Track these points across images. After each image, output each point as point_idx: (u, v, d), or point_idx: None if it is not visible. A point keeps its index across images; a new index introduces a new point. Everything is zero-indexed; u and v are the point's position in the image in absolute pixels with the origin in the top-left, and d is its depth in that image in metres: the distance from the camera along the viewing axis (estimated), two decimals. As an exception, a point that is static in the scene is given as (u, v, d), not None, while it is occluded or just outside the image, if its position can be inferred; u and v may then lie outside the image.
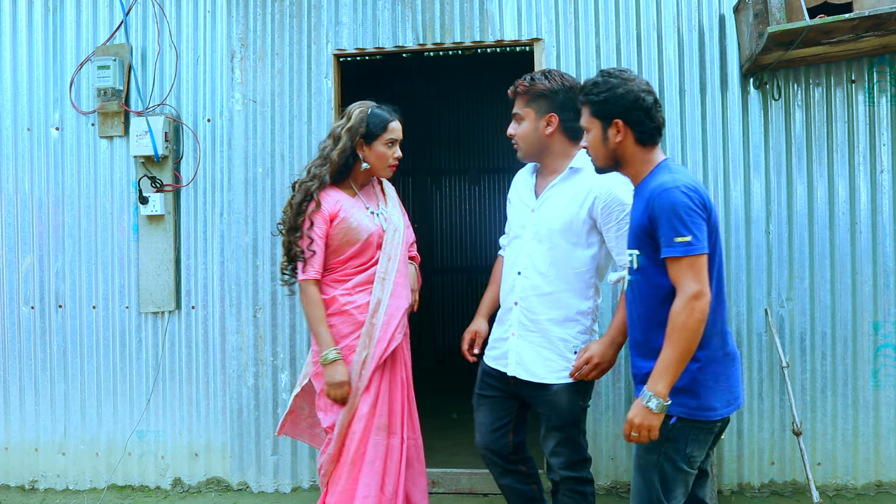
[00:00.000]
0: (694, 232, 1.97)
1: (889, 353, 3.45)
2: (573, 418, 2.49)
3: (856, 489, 3.47)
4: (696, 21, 3.55)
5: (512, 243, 2.62)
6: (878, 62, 3.48)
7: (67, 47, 3.89)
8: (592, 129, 2.18)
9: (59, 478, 3.86)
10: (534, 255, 2.50)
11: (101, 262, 3.85)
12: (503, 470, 2.65)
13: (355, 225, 2.60)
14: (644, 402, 1.98)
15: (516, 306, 2.53)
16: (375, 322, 2.60)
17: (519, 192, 2.66)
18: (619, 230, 2.40)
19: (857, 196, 3.48)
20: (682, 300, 1.97)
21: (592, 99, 2.15)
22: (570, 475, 2.50)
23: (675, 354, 1.96)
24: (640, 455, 2.13)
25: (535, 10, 3.62)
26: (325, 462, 2.64)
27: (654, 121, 2.14)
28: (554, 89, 2.48)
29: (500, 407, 2.62)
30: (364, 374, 2.59)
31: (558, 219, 2.47)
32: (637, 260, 2.14)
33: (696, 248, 1.97)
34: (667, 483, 2.08)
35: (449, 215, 8.06)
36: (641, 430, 2.00)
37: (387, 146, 2.66)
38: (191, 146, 3.81)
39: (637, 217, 2.12)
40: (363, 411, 2.59)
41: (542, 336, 2.49)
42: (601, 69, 2.24)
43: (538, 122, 2.49)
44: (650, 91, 2.15)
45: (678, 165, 2.19)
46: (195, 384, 3.78)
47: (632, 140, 2.14)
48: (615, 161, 2.18)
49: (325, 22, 3.74)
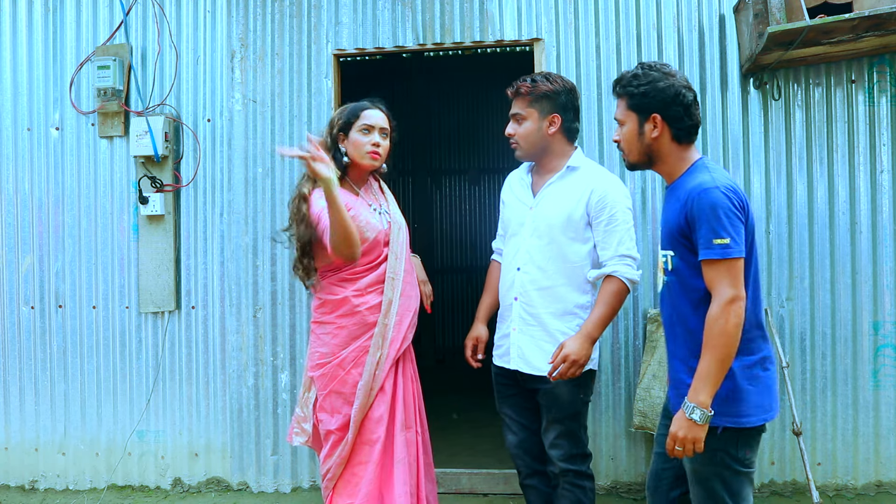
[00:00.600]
0: (732, 234, 1.91)
1: (889, 353, 3.45)
2: (573, 411, 2.53)
3: (856, 489, 3.47)
4: (696, 21, 3.55)
5: (510, 241, 2.66)
6: (878, 62, 3.48)
7: (67, 47, 3.89)
8: (628, 122, 2.12)
9: (59, 478, 3.86)
10: (532, 250, 2.56)
11: (101, 262, 3.85)
12: (532, 471, 2.68)
13: (364, 224, 2.54)
14: (687, 414, 1.92)
15: (516, 301, 2.58)
16: (388, 322, 2.57)
17: (514, 192, 2.70)
18: (608, 225, 2.48)
19: (857, 196, 3.48)
20: (718, 305, 1.91)
21: (631, 91, 2.09)
22: (569, 468, 2.52)
23: (715, 362, 1.90)
24: (695, 469, 2.04)
25: (535, 10, 3.62)
26: (333, 465, 2.57)
27: (693, 118, 2.08)
28: (557, 91, 2.55)
29: (527, 408, 2.65)
30: (378, 374, 2.55)
31: (557, 215, 2.53)
32: (671, 261, 2.08)
33: (734, 251, 1.91)
34: (731, 488, 2.01)
35: (449, 215, 8.05)
36: (686, 444, 1.93)
37: (362, 133, 2.58)
38: (191, 146, 3.81)
39: (672, 217, 2.06)
40: (379, 413, 2.55)
41: (542, 329, 2.54)
42: (640, 62, 2.20)
43: (541, 122, 2.55)
44: (690, 88, 2.09)
45: (715, 164, 2.11)
46: (195, 384, 3.78)
47: (668, 136, 2.08)
48: (649, 157, 2.12)
49: (325, 22, 3.74)
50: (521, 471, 2.70)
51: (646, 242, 3.51)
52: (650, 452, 3.54)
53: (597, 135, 3.57)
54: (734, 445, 1.99)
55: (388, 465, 2.55)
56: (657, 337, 3.38)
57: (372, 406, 2.55)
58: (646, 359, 3.39)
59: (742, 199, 1.97)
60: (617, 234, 2.48)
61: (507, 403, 2.70)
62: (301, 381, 3.70)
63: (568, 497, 2.53)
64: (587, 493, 2.54)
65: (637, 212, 3.52)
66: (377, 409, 2.55)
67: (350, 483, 2.55)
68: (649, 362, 3.37)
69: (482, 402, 4.77)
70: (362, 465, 2.54)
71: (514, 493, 3.62)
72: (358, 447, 2.56)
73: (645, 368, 3.37)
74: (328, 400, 2.58)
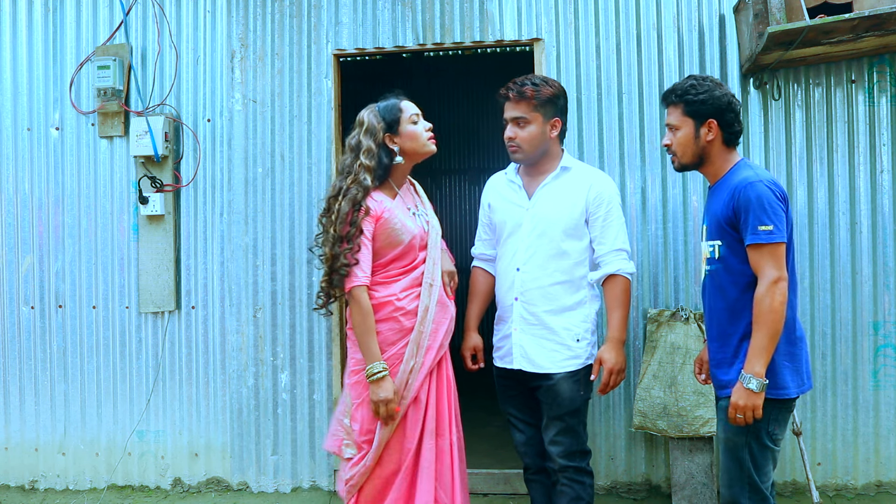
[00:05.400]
0: (775, 222, 2.15)
1: (889, 353, 3.45)
2: (573, 407, 2.55)
3: (856, 489, 3.47)
4: (696, 21, 3.55)
5: (507, 242, 2.68)
6: (878, 62, 3.48)
7: (67, 47, 3.89)
8: (684, 127, 2.34)
9: (59, 478, 3.86)
10: (532, 249, 2.59)
11: (101, 262, 3.85)
12: (537, 468, 2.71)
13: (399, 226, 2.49)
14: (745, 384, 2.14)
15: (516, 301, 2.61)
16: (423, 330, 2.50)
17: (503, 194, 2.73)
18: (606, 220, 2.59)
19: (857, 196, 3.48)
20: (764, 285, 2.14)
21: (690, 99, 2.31)
22: (568, 464, 2.54)
23: (766, 336, 2.13)
24: (728, 437, 2.26)
25: (535, 10, 3.62)
26: (357, 474, 2.50)
27: (740, 124, 2.36)
28: (557, 94, 2.61)
29: (530, 406, 2.67)
30: (412, 384, 2.48)
31: (557, 213, 2.58)
32: (718, 250, 2.30)
33: (777, 236, 2.15)
34: (756, 461, 2.22)
35: (449, 215, 8.05)
36: (746, 411, 2.15)
37: (413, 123, 2.55)
38: (191, 146, 3.81)
39: (720, 210, 2.28)
40: (411, 423, 2.49)
41: (543, 328, 2.57)
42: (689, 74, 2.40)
43: (545, 126, 2.59)
44: (735, 97, 2.35)
45: (755, 164, 2.39)
46: (195, 384, 3.78)
47: (720, 140, 2.33)
48: (700, 159, 2.35)
49: (325, 22, 3.74)
50: (530, 467, 2.73)
51: (646, 241, 3.52)
52: (650, 452, 3.54)
53: (596, 135, 3.57)
54: (766, 419, 2.19)
55: (414, 474, 2.50)
56: (657, 337, 3.38)
57: (405, 416, 2.48)
58: (646, 359, 3.39)
59: (783, 192, 2.21)
60: (613, 229, 2.60)
61: (510, 403, 2.72)
62: (301, 381, 3.73)
63: (567, 493, 2.54)
64: (586, 488, 2.56)
65: (637, 211, 3.53)
66: (410, 418, 2.49)
67: (377, 488, 2.50)
68: (649, 362, 3.37)
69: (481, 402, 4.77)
70: (392, 474, 2.49)
71: (514, 493, 3.62)
72: (388, 456, 2.49)
73: (645, 368, 3.37)
74: (361, 409, 2.51)
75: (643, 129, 3.55)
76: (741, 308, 2.23)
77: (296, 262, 3.70)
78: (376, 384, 2.42)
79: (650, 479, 3.54)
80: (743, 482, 2.23)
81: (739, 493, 2.23)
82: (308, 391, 3.71)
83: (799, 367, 2.25)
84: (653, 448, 3.53)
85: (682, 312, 3.36)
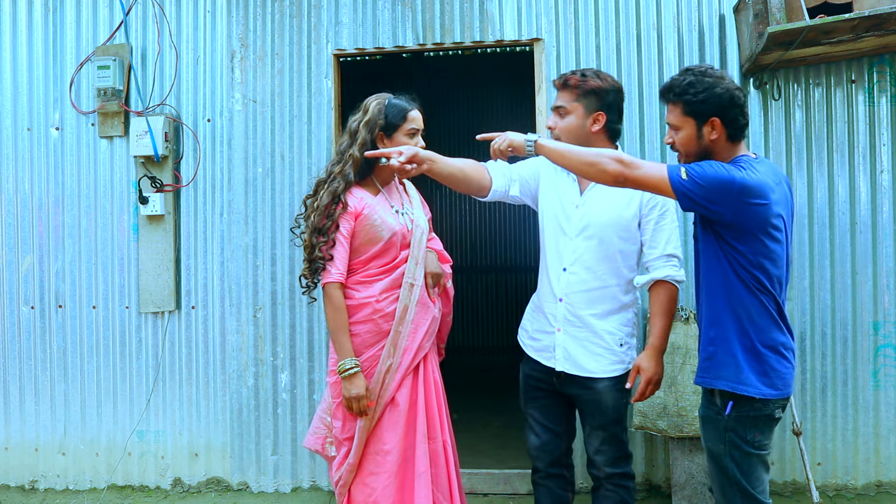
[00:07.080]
0: (697, 171, 2.07)
1: (889, 353, 3.45)
2: (617, 415, 2.50)
3: (856, 489, 3.47)
4: (696, 21, 3.55)
5: (550, 240, 2.57)
6: (878, 62, 3.48)
7: (67, 47, 3.89)
8: (685, 127, 2.21)
9: (59, 478, 3.86)
10: (581, 251, 2.48)
11: (101, 262, 3.85)
12: (548, 473, 2.65)
13: (379, 223, 2.47)
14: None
15: (561, 302, 2.51)
16: (401, 330, 2.48)
17: (555, 181, 2.58)
18: (658, 223, 2.46)
19: (857, 196, 3.48)
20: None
21: (689, 99, 2.18)
22: (613, 471, 2.51)
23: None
24: (708, 447, 2.22)
25: (535, 10, 3.62)
26: (344, 472, 2.52)
27: (746, 117, 2.22)
28: (605, 88, 2.48)
29: (554, 411, 2.61)
30: (388, 384, 2.47)
31: (608, 214, 2.47)
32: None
33: (688, 182, 2.10)
34: (741, 467, 2.15)
35: (449, 215, 8.04)
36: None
37: (408, 136, 2.51)
38: (191, 146, 3.81)
39: None
40: (389, 423, 2.48)
41: (588, 331, 2.49)
42: (685, 67, 2.26)
43: (585, 118, 2.48)
44: (740, 88, 2.21)
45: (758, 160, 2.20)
46: (195, 384, 3.78)
47: (724, 136, 2.20)
48: (705, 156, 2.23)
49: (325, 22, 3.74)
50: (539, 470, 2.66)
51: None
52: (650, 452, 3.54)
53: (597, 135, 3.57)
54: (742, 427, 2.13)
55: (409, 479, 2.47)
56: (657, 337, 3.37)
57: (382, 416, 2.48)
58: (646, 359, 3.39)
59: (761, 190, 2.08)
60: (666, 232, 2.47)
61: (534, 405, 2.64)
62: (301, 381, 3.73)
63: (612, 498, 2.51)
64: (630, 492, 2.53)
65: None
66: (386, 419, 2.49)
67: (363, 492, 2.49)
68: (649, 362, 3.36)
69: (481, 402, 4.77)
70: (374, 475, 2.48)
71: (514, 493, 3.62)
72: (369, 456, 2.50)
73: (645, 368, 3.37)
74: (341, 408, 2.52)
75: (643, 130, 3.55)
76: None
77: (296, 262, 3.70)
78: (348, 380, 2.41)
79: (650, 479, 3.54)
80: (732, 488, 2.17)
81: (732, 499, 2.18)
82: (308, 391, 3.71)
83: (767, 371, 2.11)
84: (653, 448, 3.54)
85: (681, 312, 3.36)
